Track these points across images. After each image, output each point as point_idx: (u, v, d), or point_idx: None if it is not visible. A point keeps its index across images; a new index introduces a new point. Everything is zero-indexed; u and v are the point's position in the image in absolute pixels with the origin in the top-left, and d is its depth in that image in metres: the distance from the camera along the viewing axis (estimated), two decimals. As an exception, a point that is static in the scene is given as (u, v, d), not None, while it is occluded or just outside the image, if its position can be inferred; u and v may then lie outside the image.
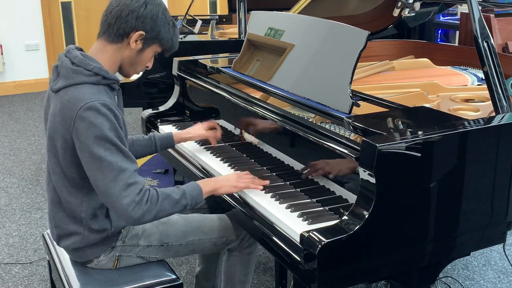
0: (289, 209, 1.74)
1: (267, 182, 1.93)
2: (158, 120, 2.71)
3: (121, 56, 1.79)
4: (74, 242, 1.84)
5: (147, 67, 1.88)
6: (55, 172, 1.80)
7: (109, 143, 1.65)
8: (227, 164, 2.15)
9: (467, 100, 2.14)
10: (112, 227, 1.84)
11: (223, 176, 1.98)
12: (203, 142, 2.38)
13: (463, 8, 4.10)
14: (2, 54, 6.54)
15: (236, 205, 1.91)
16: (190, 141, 2.39)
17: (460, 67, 2.72)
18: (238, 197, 1.93)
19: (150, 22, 1.76)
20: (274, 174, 2.02)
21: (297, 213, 1.71)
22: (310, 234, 1.52)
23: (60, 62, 1.76)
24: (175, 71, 2.75)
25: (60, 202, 1.83)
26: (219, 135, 2.32)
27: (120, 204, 1.66)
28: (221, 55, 2.92)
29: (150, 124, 2.71)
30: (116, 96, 1.83)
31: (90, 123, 1.64)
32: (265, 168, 2.08)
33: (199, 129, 2.30)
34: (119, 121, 1.70)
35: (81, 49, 1.81)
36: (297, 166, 1.96)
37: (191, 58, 2.77)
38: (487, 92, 1.82)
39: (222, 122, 2.46)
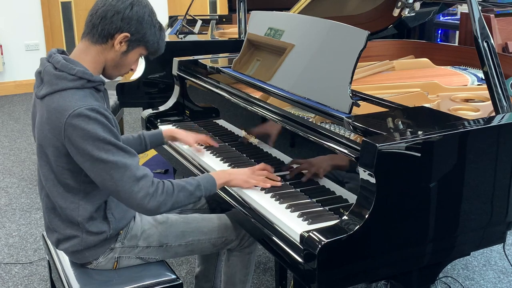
0: (289, 209, 1.74)
1: (279, 184, 1.92)
2: (158, 120, 2.71)
3: (105, 58, 1.77)
4: (73, 245, 1.84)
5: (132, 69, 1.85)
6: (48, 179, 1.78)
7: (108, 144, 1.65)
8: (227, 164, 2.15)
9: (467, 100, 2.14)
10: (110, 229, 1.84)
11: (237, 169, 1.99)
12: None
13: (463, 8, 4.10)
14: (2, 54, 6.54)
15: (236, 205, 1.91)
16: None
17: (460, 67, 2.72)
18: (238, 197, 1.93)
19: (135, 24, 1.74)
20: (275, 174, 2.01)
21: (297, 213, 1.71)
22: (310, 234, 1.52)
23: (43, 68, 1.74)
24: (175, 71, 2.75)
25: (54, 208, 1.82)
26: (201, 151, 2.28)
27: (135, 199, 1.67)
28: (221, 55, 2.92)
29: (150, 124, 2.71)
30: (103, 98, 1.81)
31: (83, 129, 1.62)
32: (265, 168, 2.08)
33: (190, 137, 2.27)
34: (110, 121, 1.68)
35: (63, 52, 1.78)
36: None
37: (191, 58, 2.77)
38: (487, 92, 1.82)
39: (222, 122, 2.46)
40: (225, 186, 1.98)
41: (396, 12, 2.66)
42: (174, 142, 2.37)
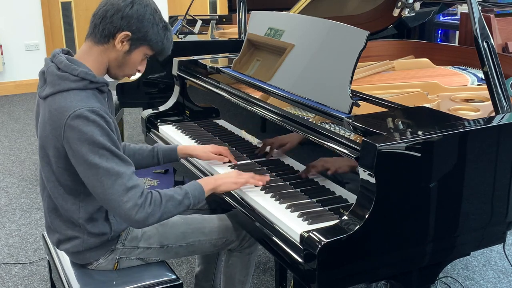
0: (289, 209, 1.74)
1: (267, 178, 1.92)
2: (158, 120, 2.71)
3: (108, 58, 1.75)
4: (74, 245, 1.84)
5: (139, 70, 1.83)
6: (50, 180, 1.78)
7: (103, 149, 1.63)
8: (227, 164, 2.15)
9: (467, 100, 2.14)
10: (112, 231, 1.83)
11: (223, 174, 1.97)
12: (203, 143, 2.37)
13: (463, 8, 4.10)
14: (2, 54, 6.54)
15: (236, 205, 1.91)
16: (191, 141, 2.38)
17: (460, 67, 2.72)
18: (238, 197, 1.93)
19: (136, 22, 1.71)
20: (274, 174, 2.01)
21: (297, 213, 1.71)
22: (310, 234, 1.52)
23: (46, 68, 1.73)
24: (175, 71, 2.75)
25: (56, 208, 1.82)
26: (227, 160, 2.15)
27: (122, 209, 1.65)
28: (221, 55, 2.92)
29: (150, 124, 2.71)
30: (106, 99, 1.80)
31: (80, 131, 1.61)
32: (265, 168, 2.08)
33: (207, 151, 2.14)
34: (110, 125, 1.66)
35: (68, 52, 1.77)
36: (297, 166, 1.96)
37: (191, 58, 2.77)
38: (487, 92, 1.82)
39: (222, 122, 2.46)
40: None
41: (396, 12, 2.66)
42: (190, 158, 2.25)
